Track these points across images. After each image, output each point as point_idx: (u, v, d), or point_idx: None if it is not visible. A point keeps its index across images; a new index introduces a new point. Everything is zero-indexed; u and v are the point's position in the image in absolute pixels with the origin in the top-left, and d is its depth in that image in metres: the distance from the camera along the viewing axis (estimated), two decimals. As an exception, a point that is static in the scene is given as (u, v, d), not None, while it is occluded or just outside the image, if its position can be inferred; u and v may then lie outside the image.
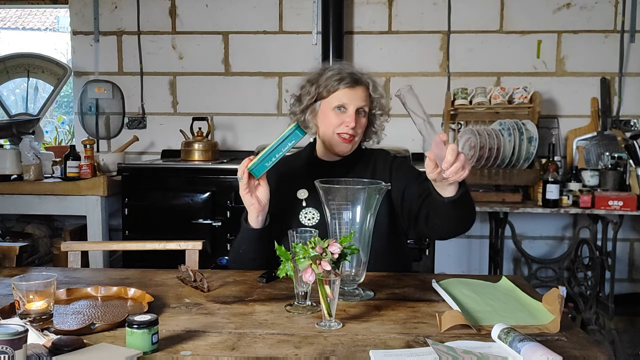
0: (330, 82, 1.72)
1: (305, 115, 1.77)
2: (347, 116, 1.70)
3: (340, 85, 1.71)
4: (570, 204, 2.95)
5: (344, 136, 1.71)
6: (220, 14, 3.57)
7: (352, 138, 1.72)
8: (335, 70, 1.73)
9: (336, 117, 1.71)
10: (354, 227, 1.40)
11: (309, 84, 1.77)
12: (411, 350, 1.09)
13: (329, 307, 1.22)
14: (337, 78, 1.71)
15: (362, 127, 1.74)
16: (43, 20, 9.16)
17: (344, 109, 1.71)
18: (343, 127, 1.70)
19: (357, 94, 1.71)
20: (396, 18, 3.50)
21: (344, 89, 1.71)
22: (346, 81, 1.71)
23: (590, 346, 1.13)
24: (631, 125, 3.38)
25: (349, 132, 1.70)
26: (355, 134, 1.72)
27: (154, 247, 1.93)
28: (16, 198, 3.02)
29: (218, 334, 1.17)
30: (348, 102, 1.71)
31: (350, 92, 1.71)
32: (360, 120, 1.72)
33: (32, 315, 1.19)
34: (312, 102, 1.76)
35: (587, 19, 3.41)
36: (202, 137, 3.31)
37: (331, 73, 1.73)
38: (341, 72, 1.72)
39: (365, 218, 1.40)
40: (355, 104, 1.70)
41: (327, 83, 1.72)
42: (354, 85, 1.71)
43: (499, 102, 3.23)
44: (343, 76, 1.71)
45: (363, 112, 1.72)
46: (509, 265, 3.51)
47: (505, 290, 1.49)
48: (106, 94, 3.54)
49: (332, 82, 1.71)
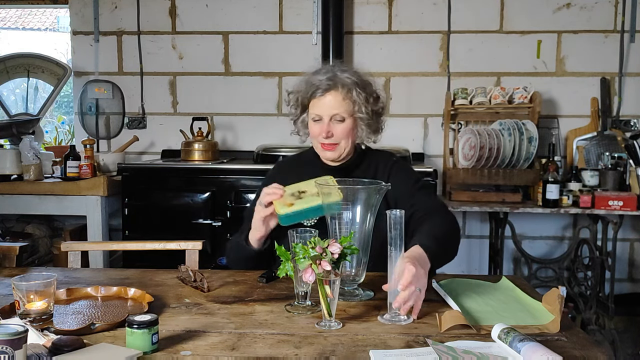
0: (307, 92, 1.72)
1: (298, 125, 1.80)
2: (321, 126, 1.71)
3: (315, 95, 1.71)
4: (570, 204, 2.95)
5: (324, 145, 1.72)
6: (220, 14, 3.57)
7: (334, 146, 1.72)
8: (312, 79, 1.72)
9: (315, 127, 1.72)
10: (354, 227, 1.39)
11: (293, 95, 1.79)
12: (411, 350, 1.09)
13: (329, 307, 1.22)
14: (312, 88, 1.71)
15: (344, 132, 1.71)
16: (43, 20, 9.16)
17: (319, 119, 1.72)
18: (321, 137, 1.72)
19: (328, 102, 1.70)
20: (396, 18, 3.50)
21: (316, 98, 1.71)
22: (319, 90, 1.70)
23: (590, 346, 1.13)
24: (631, 125, 3.38)
25: (326, 141, 1.71)
26: (337, 142, 1.72)
27: (154, 247, 1.93)
28: (16, 198, 3.02)
29: (218, 334, 1.17)
30: (321, 112, 1.71)
31: (322, 101, 1.70)
32: (337, 127, 1.70)
33: (32, 315, 1.19)
34: (301, 113, 1.78)
35: (587, 19, 3.41)
36: (202, 137, 3.31)
37: (308, 82, 1.73)
38: (314, 81, 1.71)
39: (365, 218, 1.40)
40: (328, 113, 1.70)
41: (304, 94, 1.73)
42: (325, 92, 1.70)
43: (499, 102, 3.23)
44: (316, 86, 1.70)
45: (340, 117, 1.70)
46: (509, 265, 3.51)
47: (505, 290, 1.49)
48: (106, 94, 3.54)
49: (308, 93, 1.72)
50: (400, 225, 1.27)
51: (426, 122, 3.53)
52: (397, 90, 3.53)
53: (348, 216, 1.40)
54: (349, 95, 1.70)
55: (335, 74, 1.72)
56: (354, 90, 1.71)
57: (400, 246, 1.28)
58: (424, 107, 3.51)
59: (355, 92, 1.71)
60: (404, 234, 1.30)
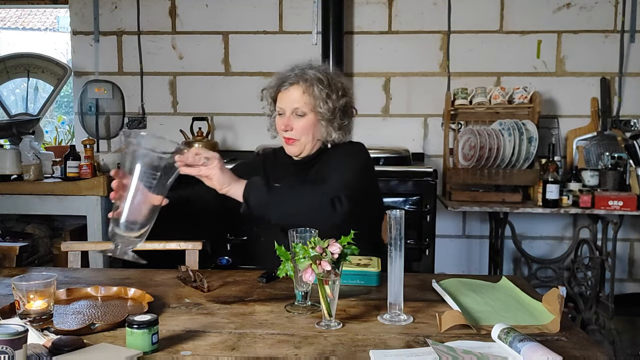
0: (274, 87, 1.76)
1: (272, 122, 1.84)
2: (283, 119, 1.73)
3: (280, 88, 1.74)
4: (570, 204, 2.95)
5: (286, 139, 1.75)
6: (220, 14, 3.57)
7: (294, 140, 1.74)
8: (280, 74, 1.76)
9: (279, 121, 1.76)
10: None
11: (266, 91, 1.82)
12: (411, 350, 1.09)
13: (329, 307, 1.22)
14: (278, 82, 1.74)
15: (303, 128, 1.72)
16: (43, 20, 9.16)
17: (282, 113, 1.74)
18: (282, 131, 1.74)
19: (290, 96, 1.72)
20: (396, 18, 3.50)
21: (281, 92, 1.74)
22: (283, 84, 1.73)
23: (590, 346, 1.13)
24: (631, 125, 3.38)
25: (286, 135, 1.73)
26: (297, 136, 1.73)
27: (154, 247, 1.93)
28: (16, 198, 3.02)
29: (218, 334, 1.17)
30: (283, 105, 1.74)
31: (285, 95, 1.74)
32: (297, 121, 1.72)
33: (32, 315, 1.19)
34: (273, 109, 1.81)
35: (587, 19, 3.41)
36: (202, 137, 3.31)
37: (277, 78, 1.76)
38: (283, 76, 1.74)
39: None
40: (290, 107, 1.72)
41: (274, 89, 1.76)
42: (289, 87, 1.72)
43: (499, 102, 3.23)
44: (280, 80, 1.73)
45: (300, 112, 1.71)
46: (509, 265, 3.50)
47: (505, 290, 1.49)
48: (106, 94, 3.54)
49: (274, 87, 1.75)
50: (400, 225, 1.27)
51: (426, 122, 3.53)
52: (397, 90, 3.53)
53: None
54: (309, 89, 1.71)
55: (303, 69, 1.73)
56: (315, 86, 1.71)
57: (400, 246, 1.28)
58: (423, 107, 3.51)
59: (316, 87, 1.71)
60: (404, 234, 1.30)
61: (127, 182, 1.32)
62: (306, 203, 1.54)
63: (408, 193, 2.91)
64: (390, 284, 1.28)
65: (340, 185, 1.56)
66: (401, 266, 1.28)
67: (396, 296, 1.28)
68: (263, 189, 1.52)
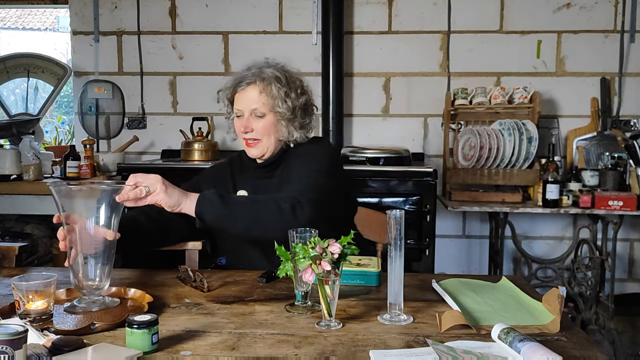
0: (230, 88, 1.71)
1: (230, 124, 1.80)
2: (242, 121, 1.70)
3: (236, 90, 1.70)
4: (570, 204, 2.95)
5: (247, 141, 1.71)
6: (220, 14, 3.57)
7: (256, 141, 1.70)
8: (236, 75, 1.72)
9: (238, 123, 1.72)
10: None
11: (222, 93, 1.77)
12: (411, 350, 1.09)
13: (329, 307, 1.22)
14: (235, 83, 1.70)
15: (263, 128, 1.69)
16: (43, 20, 9.16)
17: (241, 114, 1.71)
18: (241, 134, 1.71)
19: (247, 97, 1.68)
20: (396, 18, 3.50)
21: (238, 93, 1.70)
22: (239, 85, 1.69)
23: (590, 346, 1.13)
24: (631, 125, 3.38)
25: (247, 136, 1.70)
26: (258, 137, 1.70)
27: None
28: (16, 198, 3.02)
29: (218, 334, 1.17)
30: (241, 106, 1.70)
31: (242, 96, 1.69)
32: (257, 122, 1.69)
33: (32, 315, 1.19)
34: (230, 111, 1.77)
35: (587, 19, 3.41)
36: (202, 137, 3.31)
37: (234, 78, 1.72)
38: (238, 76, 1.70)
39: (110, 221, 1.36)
40: (248, 107, 1.68)
41: (230, 90, 1.72)
42: (246, 87, 1.68)
43: (499, 102, 3.23)
44: (238, 80, 1.69)
45: (260, 113, 1.68)
46: (509, 265, 3.51)
47: (505, 290, 1.49)
48: (106, 94, 3.54)
49: (231, 88, 1.71)
50: (400, 225, 1.27)
51: (426, 122, 3.53)
52: (397, 90, 3.53)
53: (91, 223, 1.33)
54: (267, 89, 1.67)
55: (260, 68, 1.70)
56: (272, 85, 1.67)
57: (400, 246, 1.28)
58: (423, 107, 3.51)
59: (274, 86, 1.67)
60: (404, 234, 1.30)
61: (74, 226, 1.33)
62: (265, 212, 1.49)
63: (408, 193, 2.91)
64: (390, 284, 1.28)
65: (301, 189, 1.53)
66: (401, 266, 1.28)
67: (396, 296, 1.28)
68: (217, 202, 1.48)
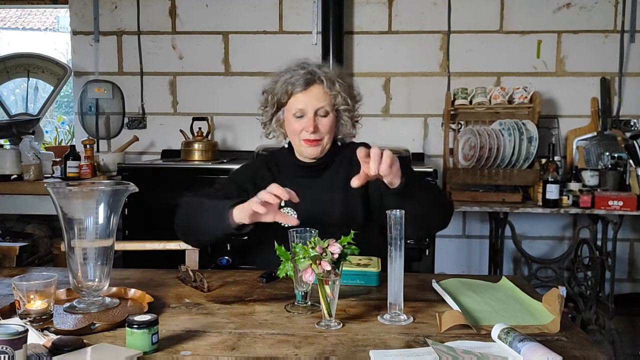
0: (285, 88, 1.69)
1: (272, 125, 1.79)
2: (306, 121, 1.68)
3: (294, 90, 1.68)
4: (570, 204, 2.95)
5: (308, 141, 1.70)
6: (220, 14, 3.57)
7: (318, 141, 1.70)
8: (288, 75, 1.70)
9: (297, 124, 1.70)
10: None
11: (266, 94, 1.76)
12: (411, 350, 1.09)
13: (329, 307, 1.22)
14: (290, 83, 1.68)
15: (327, 127, 1.70)
16: (43, 20, 9.16)
17: (302, 114, 1.69)
18: (304, 133, 1.69)
19: (312, 96, 1.68)
20: (396, 18, 3.50)
21: (298, 93, 1.68)
22: (298, 85, 1.67)
23: (590, 346, 1.13)
24: (631, 125, 3.38)
25: (311, 137, 1.69)
26: (321, 137, 1.70)
27: (154, 247, 1.93)
28: (16, 198, 3.02)
29: (218, 334, 1.17)
30: (304, 106, 1.68)
31: (305, 96, 1.68)
32: (321, 121, 1.69)
33: (32, 315, 1.19)
34: (275, 112, 1.76)
35: (587, 19, 3.41)
36: (202, 137, 3.31)
37: (284, 78, 1.70)
38: (293, 75, 1.69)
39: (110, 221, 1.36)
40: (313, 107, 1.68)
41: (282, 90, 1.70)
42: (307, 86, 1.68)
43: (499, 102, 3.23)
44: (295, 80, 1.68)
45: (324, 112, 1.69)
46: (509, 265, 3.51)
47: (505, 290, 1.49)
48: (106, 94, 3.54)
49: (286, 88, 1.69)
50: (400, 225, 1.27)
51: (426, 122, 3.53)
52: (397, 90, 3.53)
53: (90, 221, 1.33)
54: (332, 87, 1.69)
55: (312, 69, 1.70)
56: (336, 83, 1.69)
57: (400, 246, 1.28)
58: (423, 107, 3.51)
59: (338, 85, 1.69)
60: (404, 234, 1.29)
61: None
62: (440, 198, 1.59)
63: (408, 193, 2.91)
64: (390, 284, 1.28)
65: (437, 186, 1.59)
66: (401, 266, 1.28)
67: (396, 296, 1.28)
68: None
